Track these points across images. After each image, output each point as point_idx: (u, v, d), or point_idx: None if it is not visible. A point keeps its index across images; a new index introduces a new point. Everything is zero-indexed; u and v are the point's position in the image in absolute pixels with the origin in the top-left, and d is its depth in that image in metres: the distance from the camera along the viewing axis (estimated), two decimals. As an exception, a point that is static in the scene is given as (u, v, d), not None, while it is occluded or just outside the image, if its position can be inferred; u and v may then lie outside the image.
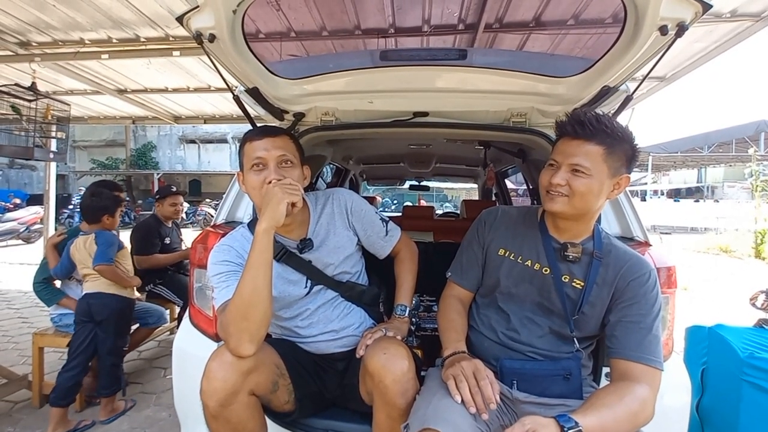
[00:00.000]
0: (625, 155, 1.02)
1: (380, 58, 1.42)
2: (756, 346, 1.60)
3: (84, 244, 2.18)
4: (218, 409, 1.03)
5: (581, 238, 1.11)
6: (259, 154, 1.16)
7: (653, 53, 1.15)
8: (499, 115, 1.64)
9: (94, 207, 2.23)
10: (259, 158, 1.16)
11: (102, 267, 2.12)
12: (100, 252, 2.15)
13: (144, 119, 5.76)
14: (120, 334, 2.19)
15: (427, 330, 1.92)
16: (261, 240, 1.05)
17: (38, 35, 3.22)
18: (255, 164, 1.17)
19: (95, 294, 2.14)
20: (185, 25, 1.15)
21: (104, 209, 2.24)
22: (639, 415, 0.90)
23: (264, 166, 1.17)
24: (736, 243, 9.35)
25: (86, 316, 2.10)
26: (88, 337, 2.07)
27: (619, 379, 0.98)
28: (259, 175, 1.16)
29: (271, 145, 1.17)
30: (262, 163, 1.16)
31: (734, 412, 1.56)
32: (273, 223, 1.06)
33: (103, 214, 2.24)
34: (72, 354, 2.05)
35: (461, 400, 0.92)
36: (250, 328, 1.04)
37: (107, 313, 2.11)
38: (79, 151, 20.48)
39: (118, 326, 2.17)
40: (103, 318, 2.10)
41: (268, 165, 1.16)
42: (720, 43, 2.82)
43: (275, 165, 1.16)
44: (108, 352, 2.12)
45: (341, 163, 3.59)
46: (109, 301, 2.14)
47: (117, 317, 2.15)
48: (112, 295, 2.16)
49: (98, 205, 2.23)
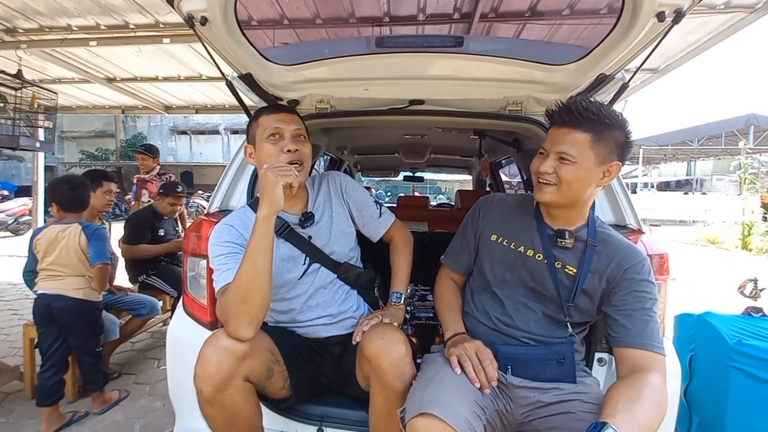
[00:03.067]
0: (614, 142, 1.02)
1: (376, 44, 1.40)
2: (744, 333, 1.64)
3: (67, 235, 1.97)
4: (213, 394, 1.03)
5: (575, 226, 1.12)
6: (277, 125, 1.20)
7: (650, 40, 1.15)
8: (495, 104, 1.64)
9: (79, 198, 2.07)
10: (277, 128, 1.20)
11: (102, 266, 1.98)
12: (99, 248, 1.99)
13: (134, 109, 5.67)
14: (90, 336, 2.05)
15: (422, 319, 1.94)
16: (261, 225, 1.06)
17: (25, 21, 3.14)
18: (272, 134, 1.20)
19: (57, 297, 1.93)
20: (176, 8, 1.12)
21: (88, 199, 2.11)
22: (663, 404, 0.90)
23: (281, 137, 1.21)
24: (723, 235, 9.51)
25: (47, 318, 1.94)
26: (57, 338, 1.95)
27: (629, 369, 0.97)
28: (275, 145, 1.20)
29: (288, 119, 1.23)
30: (279, 134, 1.21)
31: (722, 398, 1.59)
32: (273, 207, 1.06)
33: (87, 204, 2.11)
34: (44, 356, 1.95)
35: (460, 372, 1.00)
36: (249, 311, 1.04)
37: (71, 319, 1.95)
38: (68, 142, 20.11)
39: (86, 330, 2.03)
40: (67, 324, 1.95)
41: (284, 136, 1.21)
42: (714, 35, 2.83)
43: (291, 136, 1.21)
44: (82, 353, 2.03)
45: (336, 154, 3.57)
46: (73, 305, 1.95)
47: (83, 322, 2.00)
48: (76, 300, 1.96)
49: (83, 196, 2.08)
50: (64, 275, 1.98)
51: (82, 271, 2.01)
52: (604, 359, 1.28)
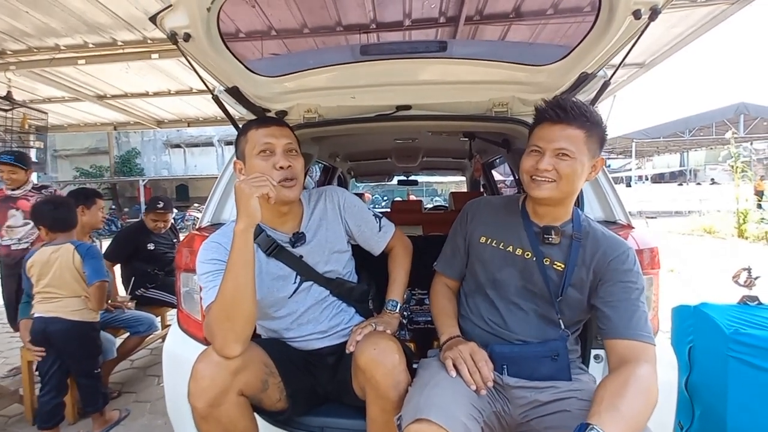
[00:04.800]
0: (599, 138, 1.07)
1: (361, 52, 1.41)
2: (740, 323, 1.64)
3: (60, 255, 1.94)
4: (207, 410, 1.02)
5: (561, 222, 1.13)
6: (267, 140, 1.16)
7: (628, 38, 1.17)
8: (480, 106, 1.65)
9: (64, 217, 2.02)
10: (267, 144, 1.16)
11: (101, 284, 1.95)
12: (95, 266, 1.96)
13: (126, 125, 5.69)
14: (87, 357, 2.02)
15: (419, 323, 1.94)
16: (239, 239, 1.04)
17: (12, 43, 3.15)
18: (262, 150, 1.16)
19: (53, 320, 1.91)
20: (159, 25, 1.13)
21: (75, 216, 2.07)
22: (651, 393, 0.89)
23: (272, 153, 1.17)
24: (719, 224, 9.56)
25: (44, 342, 1.92)
26: (55, 362, 1.93)
27: (618, 361, 0.97)
28: (267, 161, 1.16)
29: (279, 133, 1.19)
30: (270, 150, 1.17)
31: (722, 388, 1.60)
32: (249, 220, 1.04)
33: (75, 221, 2.06)
34: (43, 378, 1.94)
35: (456, 375, 1.00)
36: (234, 328, 1.04)
37: (67, 341, 1.93)
38: (61, 161, 20.05)
39: (83, 351, 2.00)
40: (64, 346, 1.93)
41: (276, 151, 1.17)
42: (696, 28, 2.87)
43: (282, 152, 1.17)
44: (80, 375, 2.01)
45: (328, 161, 3.58)
46: (70, 327, 1.92)
47: (80, 344, 1.97)
48: (73, 323, 1.93)
49: (69, 214, 2.04)
50: (60, 297, 1.95)
51: (78, 291, 1.98)
52: (600, 356, 1.28)
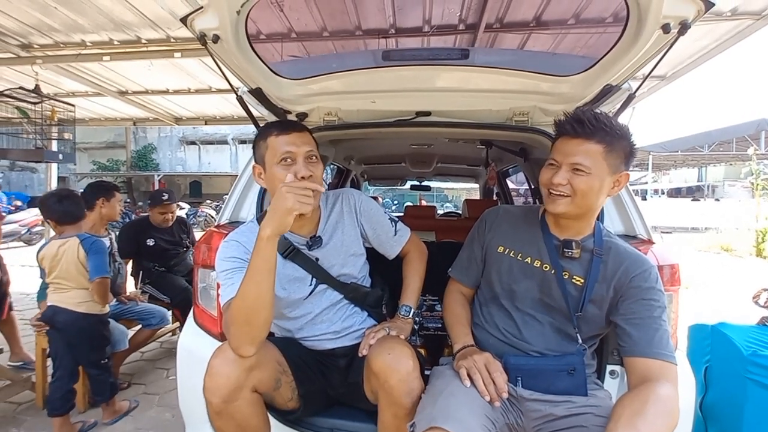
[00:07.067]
0: (623, 152, 1.04)
1: (383, 58, 1.42)
2: (759, 344, 1.60)
3: (66, 249, 1.96)
4: (222, 406, 1.04)
5: (582, 236, 1.12)
6: (288, 149, 1.14)
7: (655, 51, 1.16)
8: (501, 114, 1.64)
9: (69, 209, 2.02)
10: (288, 152, 1.14)
11: (101, 280, 1.96)
12: (97, 262, 1.97)
13: (145, 120, 5.80)
14: (93, 349, 2.04)
15: (430, 329, 1.93)
16: (266, 246, 1.01)
17: (40, 38, 3.23)
18: (283, 159, 1.14)
19: (61, 310, 1.96)
20: (189, 26, 1.16)
21: (81, 208, 2.08)
22: (672, 415, 0.87)
23: (293, 161, 1.14)
24: (737, 242, 9.34)
25: (52, 329, 1.98)
26: (66, 347, 1.97)
27: (639, 379, 0.96)
28: (288, 170, 1.13)
29: (299, 140, 1.16)
30: (291, 158, 1.14)
31: (738, 410, 1.56)
32: (278, 231, 1.02)
33: (82, 213, 2.08)
34: (54, 363, 1.99)
35: (470, 385, 1.00)
36: (252, 332, 1.05)
37: (72, 332, 1.96)
38: (80, 153, 20.45)
39: (90, 343, 2.02)
40: (70, 336, 1.96)
41: (297, 160, 1.14)
42: (720, 42, 2.83)
43: (303, 160, 1.15)
44: (87, 365, 2.04)
45: (343, 164, 3.59)
46: (74, 319, 1.96)
47: (86, 335, 2.00)
48: (79, 314, 1.97)
49: (75, 207, 2.04)
50: (68, 288, 1.99)
51: (84, 284, 2.00)
52: (616, 372, 1.26)
